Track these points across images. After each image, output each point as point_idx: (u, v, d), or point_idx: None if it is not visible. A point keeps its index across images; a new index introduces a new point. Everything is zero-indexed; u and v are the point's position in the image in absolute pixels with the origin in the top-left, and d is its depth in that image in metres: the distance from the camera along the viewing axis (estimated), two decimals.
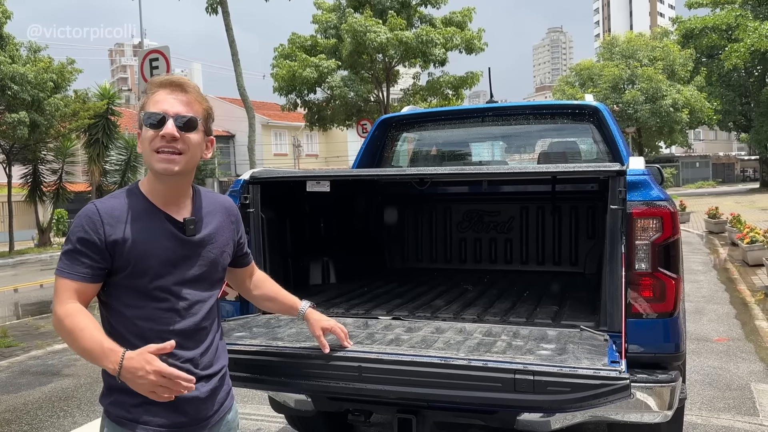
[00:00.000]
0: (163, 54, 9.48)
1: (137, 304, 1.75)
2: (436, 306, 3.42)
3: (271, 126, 43.34)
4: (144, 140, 1.77)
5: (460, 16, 22.46)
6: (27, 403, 5.28)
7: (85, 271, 1.71)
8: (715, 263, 11.90)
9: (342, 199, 4.33)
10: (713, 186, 51.97)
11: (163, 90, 1.79)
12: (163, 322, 1.76)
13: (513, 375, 2.19)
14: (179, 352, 1.75)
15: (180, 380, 1.63)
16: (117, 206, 1.76)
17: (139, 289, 1.75)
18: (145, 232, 1.75)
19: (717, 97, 39.85)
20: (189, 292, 1.81)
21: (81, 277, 1.72)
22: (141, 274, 1.74)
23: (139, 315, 1.75)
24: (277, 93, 22.98)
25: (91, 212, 1.73)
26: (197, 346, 1.83)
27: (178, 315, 1.78)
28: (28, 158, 22.76)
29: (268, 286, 2.29)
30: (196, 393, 1.79)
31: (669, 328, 2.64)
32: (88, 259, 1.71)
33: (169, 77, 1.82)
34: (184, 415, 1.78)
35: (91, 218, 1.72)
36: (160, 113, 1.75)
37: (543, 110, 5.08)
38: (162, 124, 1.74)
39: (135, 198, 1.80)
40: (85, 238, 1.71)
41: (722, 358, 5.77)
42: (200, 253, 1.85)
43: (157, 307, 1.76)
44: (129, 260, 1.72)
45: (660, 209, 2.60)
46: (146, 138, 1.76)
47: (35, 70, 19.39)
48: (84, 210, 1.75)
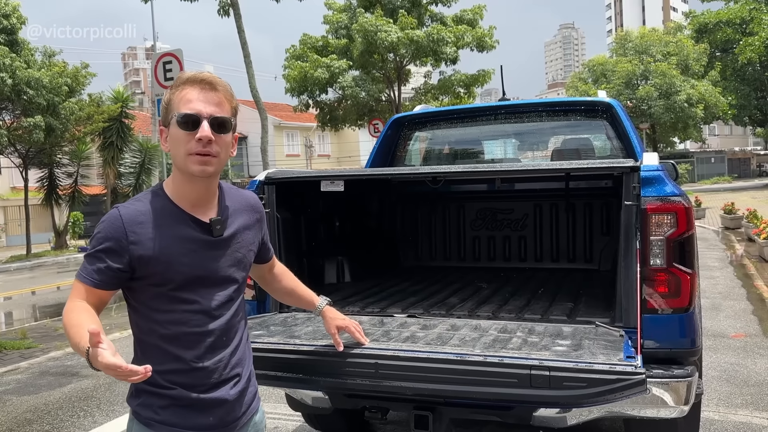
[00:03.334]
0: (176, 57, 9.56)
1: (167, 308, 1.72)
2: (450, 303, 3.44)
3: (283, 127, 43.46)
4: (176, 141, 1.70)
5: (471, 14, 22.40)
6: (48, 404, 5.36)
7: (99, 278, 1.68)
8: (731, 259, 11.80)
9: (356, 198, 4.35)
10: (729, 181, 51.41)
11: (193, 88, 1.71)
12: (194, 324, 1.73)
13: (529, 371, 2.20)
14: (210, 354, 1.74)
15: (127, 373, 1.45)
16: (141, 211, 1.71)
17: (167, 293, 1.71)
18: (170, 237, 1.71)
19: (732, 91, 39.43)
20: (218, 293, 1.78)
21: (93, 282, 1.69)
22: (169, 279, 1.70)
23: (170, 319, 1.72)
24: (288, 94, 23.04)
25: (114, 218, 1.69)
26: (227, 346, 1.79)
27: (209, 316, 1.75)
28: (43, 162, 22.99)
29: (287, 280, 2.30)
30: (225, 395, 1.77)
31: (684, 323, 2.64)
32: (105, 266, 1.67)
33: (199, 74, 1.74)
34: (213, 418, 1.76)
35: (114, 224, 1.68)
36: (194, 114, 1.67)
37: (556, 107, 5.08)
38: (196, 126, 1.67)
39: (160, 201, 1.74)
40: (106, 245, 1.67)
41: (739, 354, 5.74)
42: (227, 252, 1.81)
43: (187, 309, 1.72)
44: (156, 266, 1.68)
45: (674, 204, 2.60)
46: (178, 139, 1.70)
47: (50, 75, 19.58)
48: (108, 215, 1.72)
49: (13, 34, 19.51)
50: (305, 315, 3.26)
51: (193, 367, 1.72)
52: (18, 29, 19.78)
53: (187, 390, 1.72)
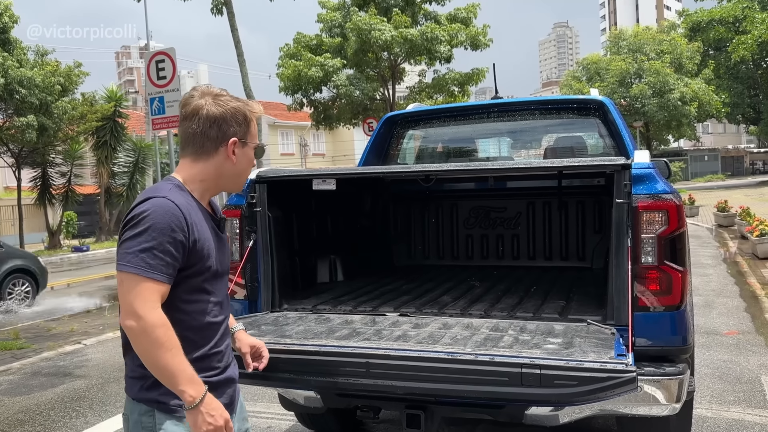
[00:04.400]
0: (169, 56, 9.53)
1: (195, 298, 1.81)
2: (443, 302, 3.43)
3: (277, 126, 43.39)
4: (248, 163, 1.93)
5: (465, 12, 22.38)
6: (39, 404, 5.33)
7: (171, 273, 1.72)
8: (724, 257, 11.83)
9: (348, 196, 4.34)
10: (722, 179, 51.60)
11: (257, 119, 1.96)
12: (213, 314, 1.86)
13: (520, 369, 2.20)
14: (222, 339, 1.90)
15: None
16: (186, 203, 1.79)
17: (199, 284, 1.81)
18: (205, 230, 1.83)
19: (725, 89, 39.57)
20: (224, 286, 1.96)
21: (168, 278, 1.71)
22: (204, 270, 1.81)
23: (197, 309, 1.81)
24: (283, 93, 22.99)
25: (173, 209, 1.73)
26: (229, 332, 1.99)
27: (222, 306, 1.91)
28: (36, 161, 22.88)
29: None
30: (233, 374, 1.94)
31: (676, 320, 2.64)
32: (173, 260, 1.71)
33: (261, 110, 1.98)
34: (224, 397, 1.87)
35: (176, 216, 1.72)
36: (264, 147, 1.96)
37: (548, 105, 5.08)
38: None
39: (187, 195, 1.83)
40: (175, 237, 1.71)
41: (732, 352, 5.75)
42: (226, 247, 1.99)
43: (210, 300, 1.85)
44: (199, 258, 1.79)
45: (665, 202, 2.60)
46: (250, 162, 1.94)
47: (43, 74, 19.48)
48: (162, 205, 1.73)
49: (5, 33, 19.40)
50: (296, 314, 3.26)
51: (213, 352, 1.85)
52: (10, 28, 19.66)
53: (206, 374, 1.81)
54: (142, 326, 1.65)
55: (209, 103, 1.84)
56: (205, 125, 1.84)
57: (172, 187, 1.81)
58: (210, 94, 1.87)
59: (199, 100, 1.86)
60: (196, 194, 1.86)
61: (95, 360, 6.79)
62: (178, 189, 1.82)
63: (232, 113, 1.86)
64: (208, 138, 1.85)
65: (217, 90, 1.90)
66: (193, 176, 1.86)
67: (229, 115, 1.85)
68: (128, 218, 1.75)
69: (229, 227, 3.32)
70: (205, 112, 1.84)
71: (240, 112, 1.88)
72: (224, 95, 1.88)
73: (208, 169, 1.87)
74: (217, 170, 1.87)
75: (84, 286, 13.57)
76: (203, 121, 1.84)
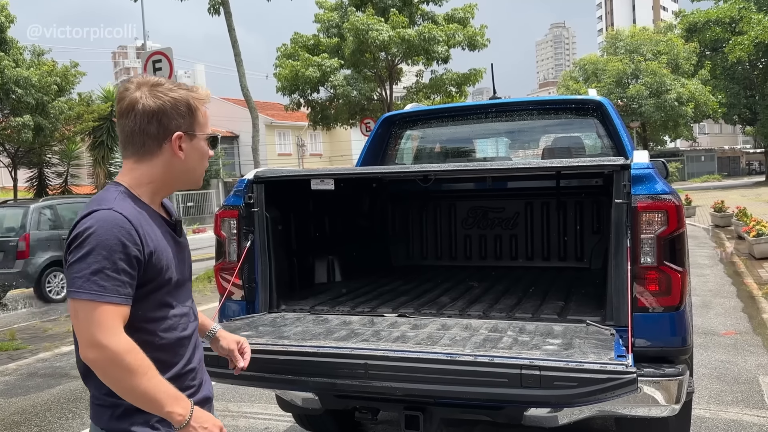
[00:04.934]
0: (166, 55, 9.51)
1: (160, 315, 1.66)
2: (441, 303, 3.42)
3: (274, 126, 43.35)
4: (202, 156, 1.75)
5: (462, 12, 22.38)
6: (36, 405, 5.31)
7: (129, 292, 1.55)
8: (721, 257, 11.85)
9: (346, 197, 4.33)
10: (719, 179, 51.73)
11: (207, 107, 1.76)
12: (181, 328, 1.70)
13: (519, 370, 2.19)
14: (194, 354, 1.74)
15: None
16: (135, 211, 1.61)
17: (161, 298, 1.65)
18: (160, 238, 1.66)
19: (721, 90, 39.66)
20: (189, 293, 1.79)
21: (127, 299, 1.54)
22: (165, 283, 1.65)
23: (164, 326, 1.66)
24: (280, 93, 22.97)
25: (121, 221, 1.55)
26: (199, 345, 1.81)
27: (189, 319, 1.74)
28: (33, 161, 22.80)
29: None
30: (208, 393, 1.80)
31: (675, 321, 2.64)
32: (129, 278, 1.54)
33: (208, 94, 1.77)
34: None
35: (125, 228, 1.54)
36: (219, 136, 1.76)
37: (546, 106, 5.07)
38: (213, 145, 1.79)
39: (136, 201, 1.65)
40: (128, 252, 1.53)
41: (730, 352, 5.75)
42: (187, 251, 1.81)
43: (176, 313, 1.69)
44: (158, 271, 1.62)
45: (665, 203, 2.60)
46: (204, 155, 1.75)
47: (39, 74, 19.42)
48: (108, 218, 1.55)
49: (1, 32, 19.33)
50: (294, 315, 3.24)
51: (187, 369, 1.71)
52: (6, 28, 19.59)
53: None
54: (108, 356, 1.50)
55: (145, 96, 1.64)
56: (143, 121, 1.63)
57: (117, 194, 1.62)
58: (146, 84, 1.67)
59: (134, 92, 1.65)
60: (146, 198, 1.68)
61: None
62: (125, 196, 1.63)
63: (172, 104, 1.65)
64: (149, 135, 1.65)
65: (156, 79, 1.70)
66: (139, 179, 1.67)
67: (169, 107, 1.65)
68: (71, 238, 1.56)
69: (226, 228, 3.30)
70: (141, 107, 1.63)
71: (181, 101, 1.66)
72: (163, 84, 1.68)
73: (154, 170, 1.67)
74: (166, 170, 1.68)
75: None
76: (140, 116, 1.63)
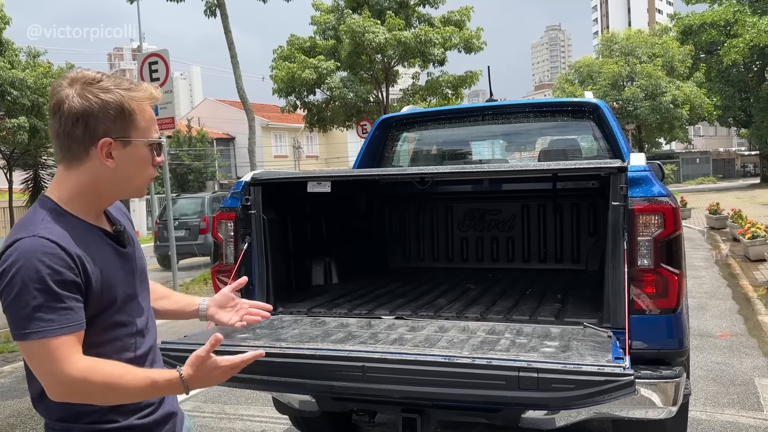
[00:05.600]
0: (162, 57, 9.49)
1: (110, 336, 1.53)
2: (439, 305, 3.42)
3: (271, 128, 43.34)
4: (142, 162, 1.54)
5: (459, 15, 22.43)
6: (31, 408, 5.26)
7: (80, 316, 1.43)
8: (717, 259, 11.89)
9: (343, 199, 4.33)
10: (714, 182, 51.89)
11: (151, 105, 1.55)
12: (134, 347, 1.58)
13: (517, 372, 2.19)
14: None
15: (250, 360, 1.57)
16: (64, 232, 1.45)
17: (109, 319, 1.52)
18: (99, 256, 1.51)
19: (716, 92, 39.81)
20: (142, 307, 1.65)
21: (79, 324, 1.42)
22: (110, 304, 1.52)
23: (116, 348, 1.53)
24: (276, 95, 22.97)
25: (49, 248, 1.40)
26: (159, 359, 1.71)
27: (141, 336, 1.62)
28: (28, 163, 22.73)
29: (158, 286, 1.97)
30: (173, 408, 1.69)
31: (672, 323, 2.64)
32: (75, 301, 1.42)
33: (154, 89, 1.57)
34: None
35: (55, 255, 1.40)
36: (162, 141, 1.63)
37: (543, 108, 5.09)
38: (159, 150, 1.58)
39: (68, 218, 1.50)
40: (63, 279, 1.40)
41: (726, 354, 5.77)
42: (135, 262, 1.66)
43: (126, 333, 1.56)
44: (100, 292, 1.48)
45: (661, 205, 2.60)
46: (145, 161, 1.55)
47: (34, 75, 19.39)
48: (33, 248, 1.39)
49: None
50: (291, 318, 3.24)
51: None
52: (2, 29, 19.57)
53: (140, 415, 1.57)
54: (77, 386, 1.40)
55: (73, 95, 1.45)
56: (68, 124, 1.46)
57: (44, 215, 1.47)
58: (79, 81, 1.47)
59: (64, 90, 1.47)
60: (79, 212, 1.52)
61: None
62: (54, 214, 1.48)
63: (101, 107, 1.45)
64: (74, 139, 1.47)
65: (93, 75, 1.49)
66: (69, 191, 1.51)
67: (97, 109, 1.45)
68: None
69: (223, 230, 3.30)
70: (66, 107, 1.45)
71: (113, 104, 1.46)
72: (99, 82, 1.48)
73: (83, 179, 1.50)
74: (94, 179, 1.50)
75: None
76: (65, 118, 1.46)
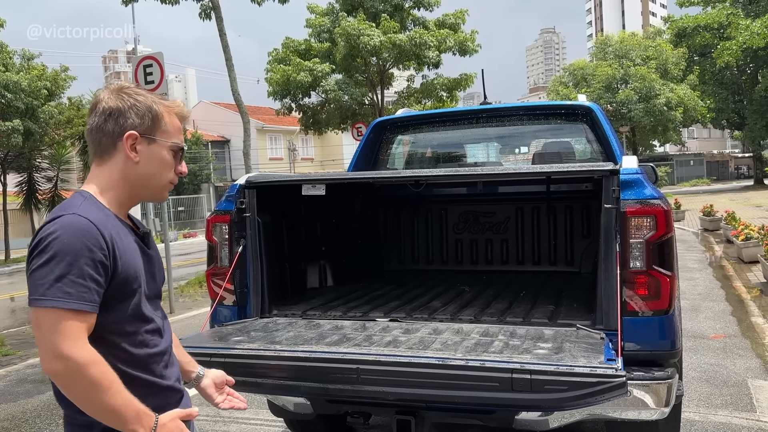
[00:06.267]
0: (156, 60, 9.49)
1: (129, 329, 1.58)
2: (433, 307, 3.44)
3: (266, 130, 43.31)
4: (161, 164, 1.67)
5: (453, 18, 22.48)
6: (25, 412, 5.27)
7: (95, 299, 1.47)
8: (710, 260, 11.93)
9: (338, 202, 4.34)
10: (708, 184, 52.11)
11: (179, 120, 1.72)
12: (152, 344, 1.63)
13: (510, 374, 2.21)
14: (170, 370, 1.69)
15: None
16: (102, 217, 1.55)
17: (129, 310, 1.57)
18: (128, 248, 1.59)
19: (710, 95, 40.02)
20: (160, 309, 1.72)
21: (93, 306, 1.47)
22: (132, 293, 1.58)
23: (134, 341, 1.59)
24: (271, 97, 22.98)
25: (87, 226, 1.49)
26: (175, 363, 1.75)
27: (159, 335, 1.67)
28: (22, 166, 22.68)
29: None
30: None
31: (665, 325, 2.66)
32: (96, 284, 1.47)
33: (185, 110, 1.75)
34: None
35: (92, 233, 1.48)
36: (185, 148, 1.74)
37: (537, 111, 5.11)
38: (181, 159, 1.72)
39: (102, 207, 1.60)
40: (93, 258, 1.47)
41: (719, 355, 5.79)
42: (157, 264, 1.75)
43: (147, 329, 1.62)
44: (125, 280, 1.55)
45: (653, 207, 2.62)
46: (166, 164, 1.68)
47: (29, 78, 19.37)
48: (73, 223, 1.48)
49: None
50: (286, 320, 3.25)
51: (162, 386, 1.65)
52: None
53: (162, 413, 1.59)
54: (71, 369, 1.42)
55: (109, 96, 1.64)
56: (101, 119, 1.62)
57: (83, 200, 1.57)
58: (117, 88, 1.67)
59: (104, 92, 1.66)
60: (112, 207, 1.63)
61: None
62: (91, 201, 1.58)
63: (131, 104, 1.63)
64: (104, 133, 1.62)
65: (129, 85, 1.70)
66: (101, 185, 1.63)
67: (128, 107, 1.62)
68: (34, 244, 1.49)
69: (218, 233, 3.31)
70: (102, 105, 1.63)
71: (144, 104, 1.64)
72: (130, 88, 1.66)
73: (112, 174, 1.63)
74: (122, 174, 1.63)
75: None
76: (99, 114, 1.62)
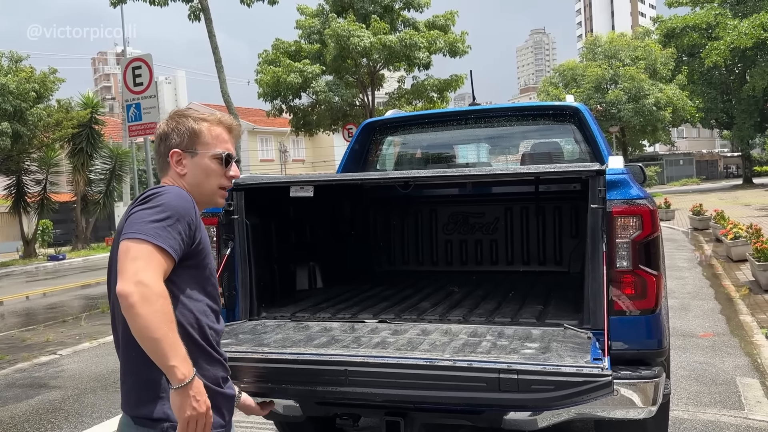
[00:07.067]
0: (145, 62, 9.46)
1: (198, 297, 1.81)
2: (422, 308, 3.44)
3: (256, 132, 43.24)
4: (208, 172, 1.91)
5: (443, 19, 22.55)
6: (14, 416, 5.23)
7: (178, 249, 1.70)
8: (700, 259, 12.01)
9: (327, 203, 4.33)
10: (697, 183, 52.44)
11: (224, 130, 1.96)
12: (212, 319, 1.85)
13: (497, 374, 2.21)
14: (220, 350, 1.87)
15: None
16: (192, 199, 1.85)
17: (198, 279, 1.81)
18: (203, 230, 1.87)
19: (699, 95, 40.26)
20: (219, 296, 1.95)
21: (176, 252, 1.69)
22: (204, 265, 1.83)
23: (198, 308, 1.80)
24: (262, 99, 22.96)
25: (187, 197, 1.80)
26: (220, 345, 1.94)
27: (216, 316, 1.89)
28: (11, 169, 22.52)
29: None
30: (234, 392, 1.92)
31: (651, 324, 2.68)
32: (181, 240, 1.71)
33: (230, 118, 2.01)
34: (224, 417, 1.83)
35: (191, 203, 1.80)
36: (233, 155, 1.95)
37: (525, 112, 5.12)
38: (229, 165, 1.94)
39: None
40: (187, 220, 1.74)
41: (708, 354, 5.83)
42: None
43: (208, 304, 1.84)
44: (200, 252, 1.82)
45: (639, 207, 2.64)
46: (212, 171, 1.91)
47: (17, 81, 19.25)
48: (178, 191, 1.80)
49: None
50: (275, 323, 3.24)
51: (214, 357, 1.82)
52: None
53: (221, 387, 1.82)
54: (145, 294, 1.57)
55: (162, 122, 1.95)
56: (157, 142, 1.94)
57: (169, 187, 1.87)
58: (171, 113, 1.96)
59: (163, 120, 1.97)
60: None
61: (71, 371, 6.68)
62: None
63: (174, 126, 1.91)
64: (159, 154, 1.93)
65: (185, 109, 1.98)
66: None
67: (172, 129, 1.91)
68: (144, 196, 1.77)
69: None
70: (158, 131, 1.95)
71: (183, 125, 1.91)
72: (180, 111, 1.95)
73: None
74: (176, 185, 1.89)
75: (60, 296, 13.35)
76: (156, 138, 1.95)
